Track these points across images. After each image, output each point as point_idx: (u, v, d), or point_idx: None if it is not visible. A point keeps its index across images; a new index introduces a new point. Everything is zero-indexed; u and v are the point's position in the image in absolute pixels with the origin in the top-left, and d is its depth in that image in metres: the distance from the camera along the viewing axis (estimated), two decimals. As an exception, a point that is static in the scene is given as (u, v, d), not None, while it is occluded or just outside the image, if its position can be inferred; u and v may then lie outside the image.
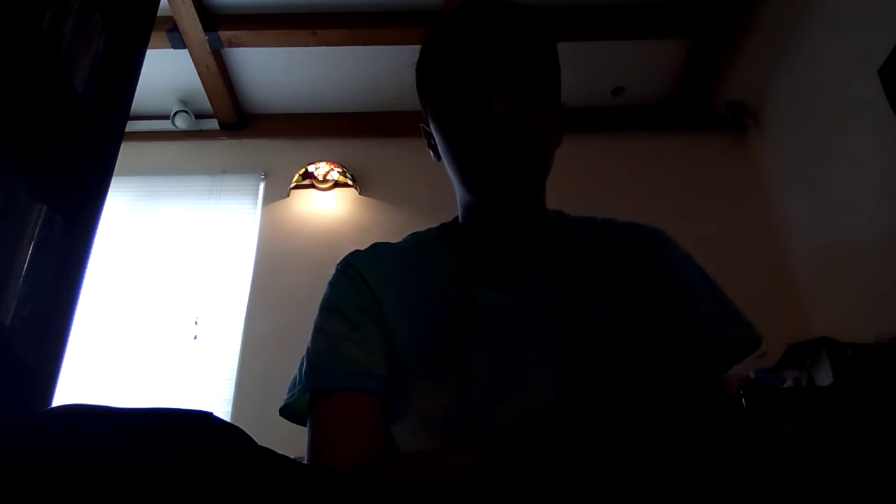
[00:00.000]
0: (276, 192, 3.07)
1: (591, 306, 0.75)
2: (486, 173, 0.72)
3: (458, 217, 0.85)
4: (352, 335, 0.75)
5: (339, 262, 0.83)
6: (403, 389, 0.74)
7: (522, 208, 0.78)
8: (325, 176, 3.03)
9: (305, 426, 0.74)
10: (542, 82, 0.75)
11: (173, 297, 2.80)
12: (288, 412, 0.77)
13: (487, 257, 0.80)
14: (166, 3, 2.56)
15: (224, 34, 2.79)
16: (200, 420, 0.43)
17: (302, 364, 0.76)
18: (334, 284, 0.81)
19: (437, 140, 0.79)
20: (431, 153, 0.84)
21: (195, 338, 2.70)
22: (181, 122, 3.16)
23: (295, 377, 0.76)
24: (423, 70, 0.81)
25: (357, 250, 0.84)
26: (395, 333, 0.76)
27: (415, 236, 0.88)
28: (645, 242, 0.80)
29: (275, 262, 2.89)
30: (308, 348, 0.76)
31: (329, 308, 0.78)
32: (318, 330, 0.77)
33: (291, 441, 0.81)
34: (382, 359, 0.74)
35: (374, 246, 0.85)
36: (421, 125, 0.85)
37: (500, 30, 0.74)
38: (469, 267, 0.80)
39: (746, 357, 0.73)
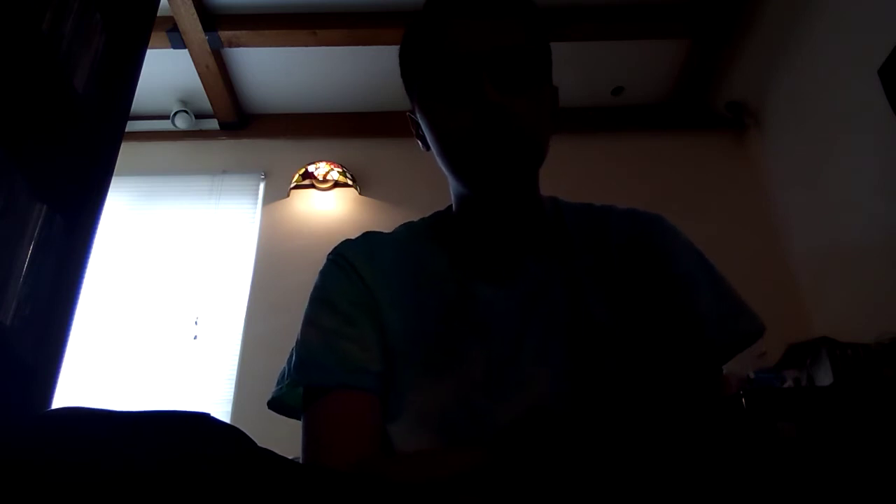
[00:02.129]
0: (276, 192, 3.07)
1: (590, 303, 0.74)
2: (481, 165, 0.70)
3: (451, 206, 0.83)
4: (346, 331, 0.73)
5: (330, 251, 0.81)
6: (399, 386, 0.72)
7: (518, 198, 0.76)
8: (325, 176, 3.03)
9: (296, 418, 0.74)
10: (536, 68, 0.73)
11: (173, 297, 2.80)
12: (277, 404, 0.76)
13: (483, 250, 0.78)
14: (166, 3, 2.56)
15: (224, 34, 2.79)
16: (198, 421, 0.43)
17: (291, 356, 0.74)
18: (326, 274, 0.78)
19: (426, 132, 0.76)
20: (420, 143, 0.81)
21: (195, 338, 2.70)
22: (181, 122, 3.16)
23: (283, 370, 0.74)
24: (410, 57, 0.77)
25: (349, 239, 0.82)
26: (389, 326, 0.75)
27: (407, 226, 0.85)
28: (645, 233, 0.78)
29: (275, 262, 2.88)
30: (298, 340, 0.74)
31: (321, 300, 0.76)
32: (310, 323, 0.75)
33: (291, 441, 0.80)
34: (377, 355, 0.73)
35: (367, 235, 0.83)
36: (408, 114, 0.82)
37: (492, 16, 0.71)
38: (464, 260, 0.79)
39: (749, 346, 0.72)
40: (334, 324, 0.74)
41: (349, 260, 0.78)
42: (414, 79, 0.77)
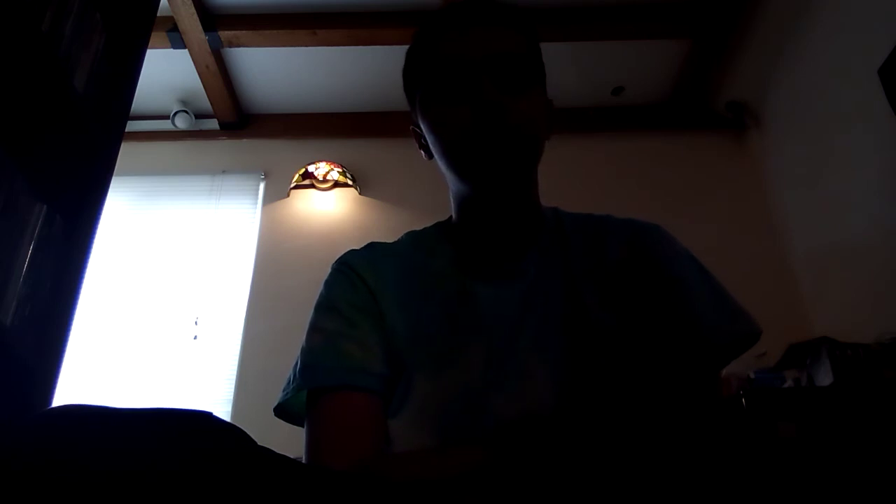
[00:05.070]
0: (276, 192, 3.07)
1: (587, 302, 0.75)
2: (479, 161, 0.72)
3: (451, 217, 0.85)
4: (349, 333, 0.74)
5: (334, 261, 0.83)
6: (402, 385, 0.73)
7: (516, 197, 0.78)
8: (325, 176, 3.03)
9: (300, 426, 0.74)
10: (530, 72, 0.76)
11: (173, 297, 2.80)
12: (282, 411, 0.76)
13: (483, 250, 0.80)
14: (166, 3, 2.56)
15: (224, 34, 2.79)
16: (200, 420, 0.43)
17: (296, 363, 0.75)
18: (330, 283, 0.80)
19: (427, 135, 0.79)
20: (423, 154, 0.84)
21: (195, 338, 2.70)
22: (181, 122, 3.16)
23: (289, 377, 0.75)
24: (412, 68, 0.81)
25: (353, 249, 0.84)
26: (393, 330, 0.76)
27: (410, 235, 0.88)
28: (642, 239, 0.80)
29: (275, 262, 2.88)
30: (303, 347, 0.76)
31: (325, 306, 0.78)
32: (314, 328, 0.76)
33: (291, 441, 0.81)
34: (380, 357, 0.74)
35: (371, 245, 0.85)
36: (411, 127, 0.85)
37: (487, 24, 0.75)
38: (465, 261, 0.80)
39: (747, 350, 0.73)
40: (336, 326, 0.75)
41: (352, 267, 0.80)
42: (415, 88, 0.80)
